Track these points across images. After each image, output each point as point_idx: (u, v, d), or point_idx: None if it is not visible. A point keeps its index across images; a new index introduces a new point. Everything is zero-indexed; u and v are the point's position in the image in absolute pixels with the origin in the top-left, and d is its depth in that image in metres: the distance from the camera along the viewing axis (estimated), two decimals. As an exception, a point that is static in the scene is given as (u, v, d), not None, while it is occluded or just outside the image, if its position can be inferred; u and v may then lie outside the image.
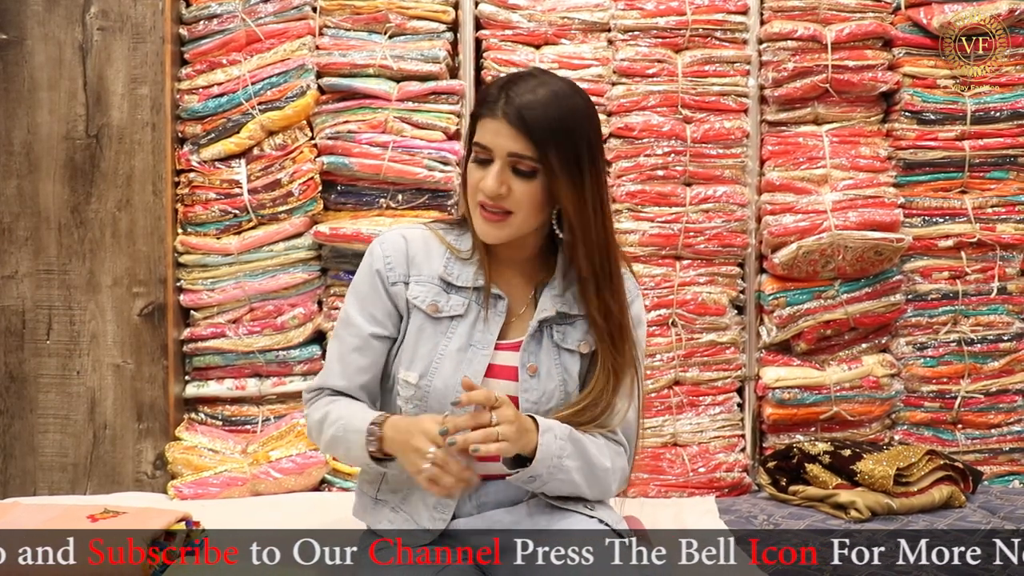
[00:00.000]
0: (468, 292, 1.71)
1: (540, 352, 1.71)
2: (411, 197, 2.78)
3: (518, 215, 1.64)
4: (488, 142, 1.62)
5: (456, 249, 1.74)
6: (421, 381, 1.67)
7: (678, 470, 2.76)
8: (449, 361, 1.67)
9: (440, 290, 1.71)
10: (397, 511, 1.72)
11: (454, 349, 1.68)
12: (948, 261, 2.88)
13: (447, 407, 1.65)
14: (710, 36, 2.83)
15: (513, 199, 1.62)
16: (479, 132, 1.64)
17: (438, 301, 1.70)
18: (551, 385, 1.70)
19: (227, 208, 2.74)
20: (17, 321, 2.75)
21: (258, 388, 2.77)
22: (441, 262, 1.73)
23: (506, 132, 1.60)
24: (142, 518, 1.99)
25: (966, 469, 2.54)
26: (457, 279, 1.72)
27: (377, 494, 1.76)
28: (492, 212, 1.64)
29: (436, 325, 1.70)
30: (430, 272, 1.72)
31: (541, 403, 1.69)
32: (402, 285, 1.72)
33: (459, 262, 1.73)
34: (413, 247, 1.74)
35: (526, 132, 1.59)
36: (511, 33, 2.81)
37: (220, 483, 2.58)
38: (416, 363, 1.69)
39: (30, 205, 2.73)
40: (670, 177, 2.81)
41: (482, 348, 1.68)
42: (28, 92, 2.72)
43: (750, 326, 2.88)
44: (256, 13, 2.76)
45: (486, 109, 1.62)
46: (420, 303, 1.71)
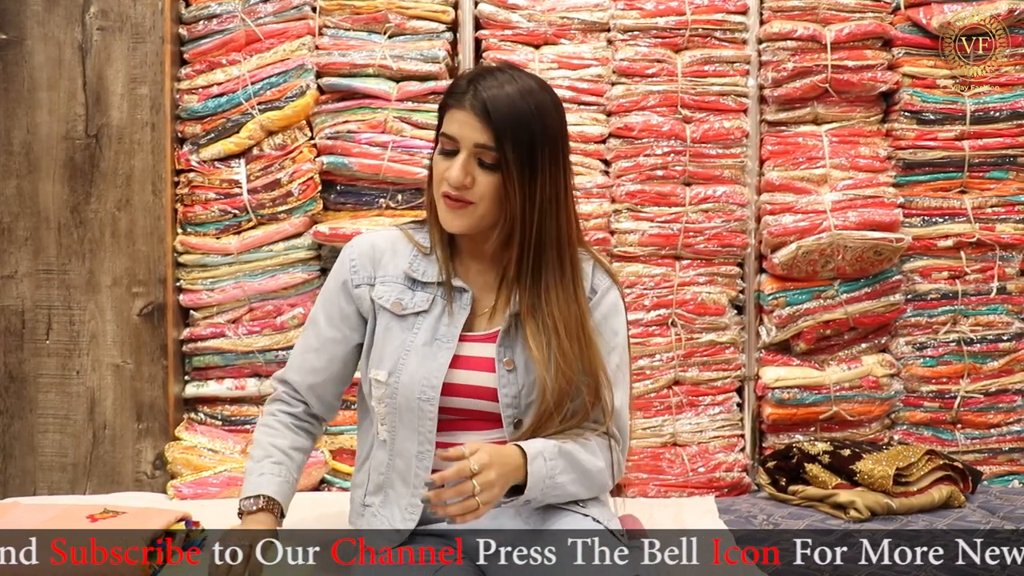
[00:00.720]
0: (433, 287, 1.73)
1: (516, 346, 1.70)
2: (411, 197, 2.78)
3: (480, 206, 1.65)
4: (455, 132, 1.63)
5: (422, 246, 1.76)
6: (390, 379, 1.69)
7: (677, 470, 2.76)
8: (415, 356, 1.68)
9: (404, 288, 1.74)
10: (377, 514, 1.74)
11: (420, 344, 1.69)
12: (948, 261, 2.88)
13: (415, 402, 1.66)
14: (710, 36, 2.83)
15: (476, 190, 1.64)
16: (446, 123, 1.66)
17: (402, 299, 1.73)
18: (529, 379, 1.69)
19: (227, 208, 2.74)
20: (17, 321, 2.75)
21: (258, 388, 2.77)
22: (407, 260, 1.75)
23: (473, 123, 1.61)
24: (142, 518, 1.98)
25: (966, 469, 2.54)
26: (422, 275, 1.73)
27: (364, 499, 1.78)
28: (452, 201, 1.65)
29: (402, 323, 1.72)
30: (395, 272, 1.75)
31: (521, 397, 1.69)
32: (366, 287, 1.75)
33: (425, 259, 1.75)
34: (379, 249, 1.77)
35: (490, 124, 1.60)
36: (511, 33, 2.81)
37: (220, 483, 2.58)
38: (384, 361, 1.71)
39: (29, 205, 2.73)
40: (670, 177, 2.81)
41: (447, 341, 1.69)
42: (27, 92, 2.72)
43: (749, 326, 2.88)
44: (256, 13, 2.76)
45: (454, 100, 1.64)
46: (385, 303, 1.73)
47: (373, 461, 1.76)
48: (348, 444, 2.73)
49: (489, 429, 1.70)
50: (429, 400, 1.66)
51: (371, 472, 1.76)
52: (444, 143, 1.65)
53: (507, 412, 1.68)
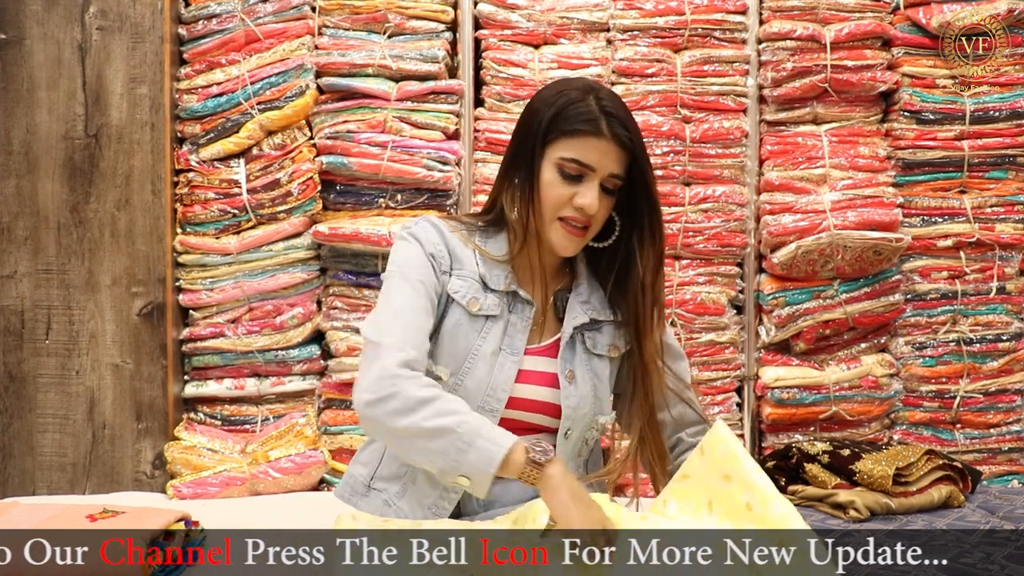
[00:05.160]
0: (501, 295, 1.69)
1: (574, 358, 1.71)
2: (410, 197, 2.78)
3: (593, 228, 1.66)
4: (594, 162, 1.61)
5: (485, 251, 1.70)
6: (451, 379, 1.66)
7: (677, 470, 2.76)
8: (483, 363, 1.66)
9: (479, 287, 1.69)
10: (391, 504, 1.71)
11: (488, 351, 1.66)
12: (947, 261, 2.88)
13: (475, 409, 1.59)
14: (709, 36, 2.83)
15: (597, 215, 1.64)
16: (576, 148, 1.61)
17: (478, 298, 1.68)
18: (585, 390, 1.71)
19: (226, 208, 2.74)
20: (16, 321, 2.75)
21: (257, 388, 2.77)
22: (474, 260, 1.70)
23: (613, 154, 1.61)
24: (141, 518, 1.98)
25: (965, 469, 2.54)
26: (491, 281, 1.69)
27: (371, 480, 1.74)
28: (575, 227, 1.64)
29: (472, 323, 1.67)
30: (470, 268, 1.69)
31: (579, 408, 1.70)
32: (446, 276, 1.68)
33: (488, 263, 1.70)
34: (451, 241, 1.70)
35: (630, 154, 1.62)
36: (510, 33, 2.81)
37: (219, 483, 2.58)
38: (449, 360, 1.67)
39: (29, 205, 2.73)
40: (669, 177, 2.81)
41: (512, 354, 1.68)
42: (27, 92, 2.72)
43: (749, 326, 2.88)
44: (255, 13, 2.76)
45: (587, 125, 1.60)
46: (460, 298, 1.67)
47: None
48: (348, 444, 2.74)
49: (525, 435, 1.62)
50: (493, 412, 1.65)
51: (386, 457, 1.74)
52: (570, 168, 1.61)
53: (565, 424, 1.69)
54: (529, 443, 1.49)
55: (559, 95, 1.64)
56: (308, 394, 2.81)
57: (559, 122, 1.62)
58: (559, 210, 1.63)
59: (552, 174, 1.62)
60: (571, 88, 1.65)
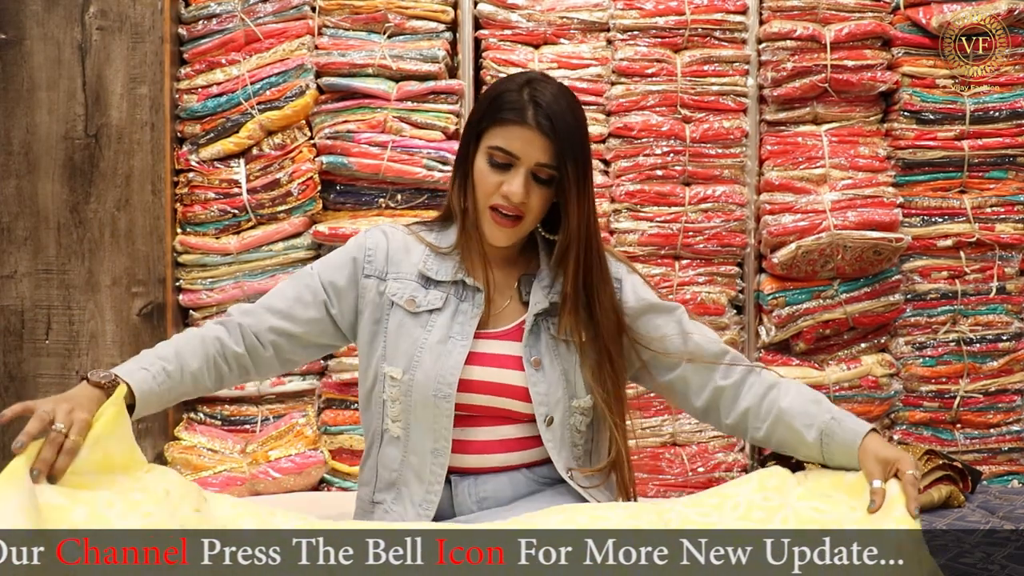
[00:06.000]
0: (446, 286, 1.73)
1: (540, 345, 1.72)
2: (410, 197, 2.78)
3: (528, 219, 1.67)
4: (517, 150, 1.62)
5: (435, 246, 1.75)
6: (404, 376, 1.69)
7: (677, 470, 2.76)
8: (429, 353, 1.68)
9: (418, 285, 1.73)
10: (389, 511, 1.73)
11: (434, 341, 1.69)
12: (947, 261, 2.88)
13: (431, 400, 1.66)
14: (709, 36, 2.83)
15: (529, 204, 1.65)
16: (503, 137, 1.63)
17: (416, 296, 1.72)
18: (554, 376, 1.71)
19: (226, 208, 2.74)
20: (16, 321, 2.75)
21: (257, 388, 2.77)
22: (420, 258, 1.74)
23: (538, 143, 1.62)
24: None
25: (965, 469, 2.54)
26: (436, 274, 1.73)
27: (373, 495, 1.76)
28: (506, 216, 1.66)
29: (415, 320, 1.71)
30: (409, 269, 1.74)
31: (550, 394, 1.70)
32: (375, 280, 1.73)
33: (437, 257, 1.74)
34: (393, 245, 1.76)
35: (556, 143, 1.61)
36: (510, 33, 2.81)
37: (219, 483, 2.58)
38: (398, 358, 1.70)
39: (29, 205, 2.73)
40: (669, 177, 2.81)
41: (461, 339, 1.69)
42: (27, 92, 2.72)
43: (749, 326, 2.88)
44: (255, 13, 2.76)
45: (513, 114, 1.62)
46: (398, 299, 1.72)
47: (382, 458, 1.75)
48: (348, 444, 2.74)
49: (507, 425, 1.71)
50: (446, 397, 1.67)
51: (379, 469, 1.76)
52: (497, 156, 1.64)
53: (540, 410, 1.69)
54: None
55: (498, 86, 1.69)
56: (308, 394, 2.81)
57: (491, 112, 1.66)
58: (489, 198, 1.66)
59: (483, 163, 1.66)
60: (512, 80, 1.69)
